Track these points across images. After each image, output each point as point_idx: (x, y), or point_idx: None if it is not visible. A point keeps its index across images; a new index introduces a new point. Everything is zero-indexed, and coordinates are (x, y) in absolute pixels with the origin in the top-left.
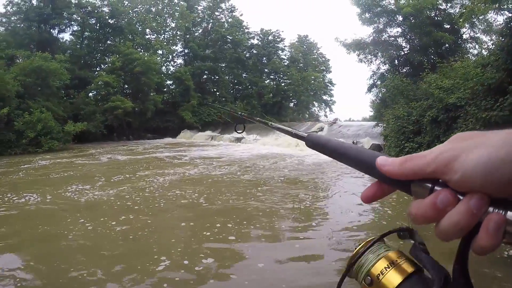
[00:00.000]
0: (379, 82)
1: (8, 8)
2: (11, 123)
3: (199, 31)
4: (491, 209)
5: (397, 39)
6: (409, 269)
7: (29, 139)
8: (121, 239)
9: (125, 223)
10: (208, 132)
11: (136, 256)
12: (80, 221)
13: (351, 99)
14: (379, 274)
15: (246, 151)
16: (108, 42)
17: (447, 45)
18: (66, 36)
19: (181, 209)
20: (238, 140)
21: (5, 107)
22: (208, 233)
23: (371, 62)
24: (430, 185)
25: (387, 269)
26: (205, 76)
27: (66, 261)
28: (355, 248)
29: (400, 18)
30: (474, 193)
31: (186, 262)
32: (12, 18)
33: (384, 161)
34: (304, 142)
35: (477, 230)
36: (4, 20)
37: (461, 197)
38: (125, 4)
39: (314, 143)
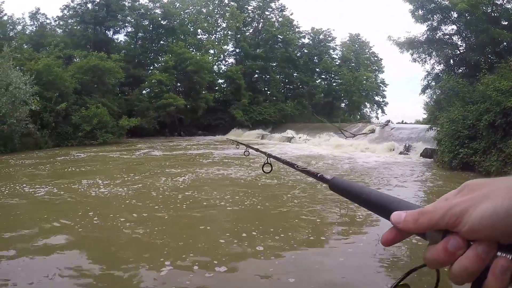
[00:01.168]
0: (433, 83)
1: (65, 11)
2: (69, 117)
3: (250, 31)
4: (499, 253)
5: (452, 37)
6: None
7: (85, 132)
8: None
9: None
10: (259, 131)
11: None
12: (90, 214)
13: (404, 100)
14: None
15: (297, 150)
16: (161, 42)
17: (505, 43)
18: (121, 37)
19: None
20: (289, 139)
21: (63, 102)
22: (235, 240)
23: (425, 61)
24: (442, 232)
25: None
26: (256, 75)
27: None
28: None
29: (455, 15)
30: (482, 240)
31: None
32: (69, 21)
33: (398, 219)
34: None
35: (486, 275)
36: (61, 22)
37: (471, 243)
38: (177, 6)
39: (338, 188)
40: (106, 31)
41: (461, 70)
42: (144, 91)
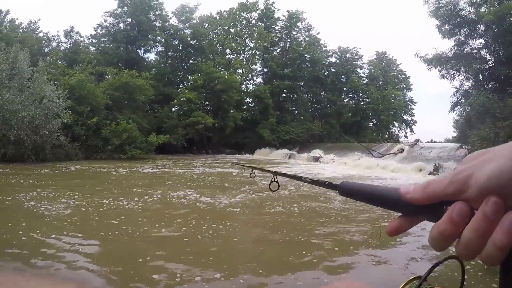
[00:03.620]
0: (463, 100)
1: (98, 30)
2: (99, 131)
3: (277, 50)
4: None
5: (481, 51)
6: None
7: (114, 146)
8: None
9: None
10: (285, 150)
11: None
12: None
13: (433, 118)
14: None
15: (325, 171)
16: (190, 61)
17: None
18: (151, 56)
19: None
20: (316, 159)
21: (94, 116)
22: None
23: (453, 77)
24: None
25: None
26: (284, 95)
27: None
28: None
29: (482, 28)
30: (488, 199)
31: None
32: (102, 39)
33: (406, 189)
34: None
35: None
36: (94, 41)
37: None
38: (206, 26)
39: (348, 191)
40: (137, 50)
41: (490, 85)
42: (173, 109)
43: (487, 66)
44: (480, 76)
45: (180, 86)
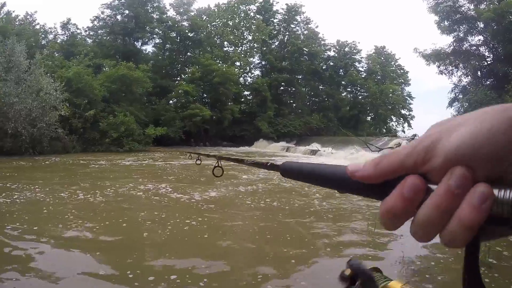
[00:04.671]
0: (461, 96)
1: (95, 22)
2: (97, 124)
3: (276, 44)
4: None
5: (479, 48)
6: None
7: (112, 139)
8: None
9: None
10: (283, 143)
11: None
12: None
13: (431, 114)
14: None
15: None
16: (188, 53)
17: None
18: (149, 48)
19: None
20: (313, 152)
21: (92, 109)
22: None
23: (452, 73)
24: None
25: None
26: (282, 88)
27: None
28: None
29: (481, 25)
30: (453, 170)
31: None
32: (99, 32)
33: (355, 167)
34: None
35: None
36: (92, 33)
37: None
38: (204, 19)
39: (289, 171)
40: (135, 42)
41: (489, 82)
42: (171, 101)
43: (485, 63)
44: (479, 72)
45: (178, 78)
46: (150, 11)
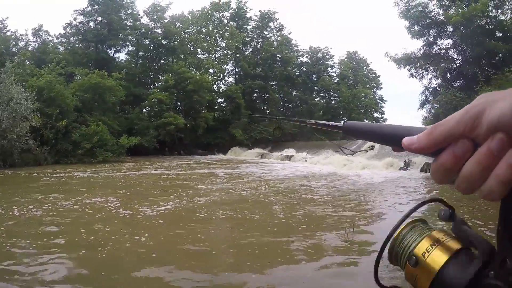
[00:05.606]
0: (431, 98)
1: (68, 29)
2: (69, 134)
3: (249, 50)
4: None
5: (449, 51)
6: (455, 246)
7: (85, 150)
8: None
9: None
10: (258, 149)
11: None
12: None
13: (403, 116)
14: (424, 252)
15: (298, 169)
16: (162, 61)
17: (500, 55)
18: (122, 56)
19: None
20: (288, 158)
21: (64, 119)
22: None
23: (422, 76)
24: None
25: (433, 246)
26: (255, 94)
27: None
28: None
29: (451, 29)
30: (495, 135)
31: None
32: (72, 39)
33: (410, 141)
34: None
35: None
36: (64, 40)
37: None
38: (177, 26)
39: (351, 130)
40: (108, 50)
41: (458, 84)
42: (144, 110)
43: (454, 65)
44: (448, 74)
45: (151, 86)
46: (123, 18)
